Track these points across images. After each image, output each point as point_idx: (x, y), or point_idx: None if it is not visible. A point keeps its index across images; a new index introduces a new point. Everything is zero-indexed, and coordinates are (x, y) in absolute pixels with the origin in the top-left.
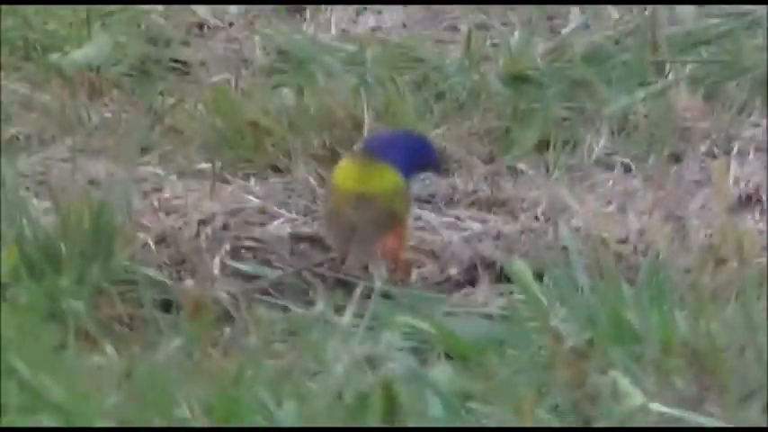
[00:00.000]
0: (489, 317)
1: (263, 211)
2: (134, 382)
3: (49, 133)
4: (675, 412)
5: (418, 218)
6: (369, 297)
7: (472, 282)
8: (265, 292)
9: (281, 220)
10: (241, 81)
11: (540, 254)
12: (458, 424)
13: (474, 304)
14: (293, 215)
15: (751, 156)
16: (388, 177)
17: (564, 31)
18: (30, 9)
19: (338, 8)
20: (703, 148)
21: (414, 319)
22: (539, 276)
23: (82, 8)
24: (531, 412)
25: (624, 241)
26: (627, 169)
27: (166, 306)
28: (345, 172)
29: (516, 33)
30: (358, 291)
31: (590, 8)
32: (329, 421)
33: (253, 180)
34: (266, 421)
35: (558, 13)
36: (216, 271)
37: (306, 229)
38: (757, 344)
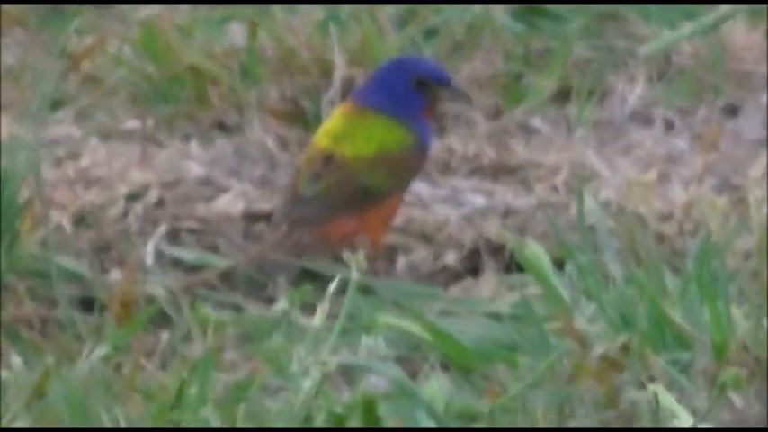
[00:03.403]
0: (496, 316)
1: (207, 182)
2: (47, 403)
3: None
4: None
5: None
6: (344, 292)
7: (474, 271)
8: (212, 287)
9: (231, 193)
10: (177, 15)
11: (560, 235)
12: None
13: (477, 300)
14: (246, 187)
15: None
16: (377, 134)
17: None
18: None
19: None
20: (766, 99)
21: (400, 319)
22: (559, 264)
23: None
24: None
25: (667, 218)
26: (669, 126)
27: (87, 305)
28: (330, 123)
29: None
30: (331, 285)
31: None
32: None
33: (194, 142)
34: None
35: None
36: (149, 260)
37: (263, 206)
38: None
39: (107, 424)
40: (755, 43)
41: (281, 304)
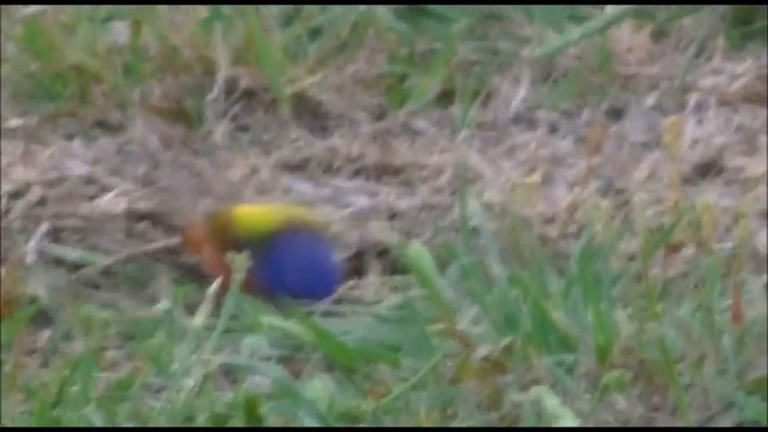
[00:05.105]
0: (380, 317)
1: (90, 180)
2: None
3: None
4: None
5: (288, 190)
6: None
7: (358, 273)
8: (94, 286)
9: (114, 192)
10: (61, 13)
11: (443, 236)
12: None
13: (360, 301)
14: (129, 186)
15: (711, 111)
16: None
17: None
18: None
19: None
20: (651, 101)
21: (283, 319)
22: (443, 266)
23: None
24: None
25: (551, 220)
26: (553, 128)
27: None
28: None
29: None
30: (214, 284)
31: None
32: None
33: (77, 141)
34: None
35: None
36: (30, 258)
37: (146, 204)
38: (720, 352)
39: None
40: (641, 45)
41: (163, 304)
